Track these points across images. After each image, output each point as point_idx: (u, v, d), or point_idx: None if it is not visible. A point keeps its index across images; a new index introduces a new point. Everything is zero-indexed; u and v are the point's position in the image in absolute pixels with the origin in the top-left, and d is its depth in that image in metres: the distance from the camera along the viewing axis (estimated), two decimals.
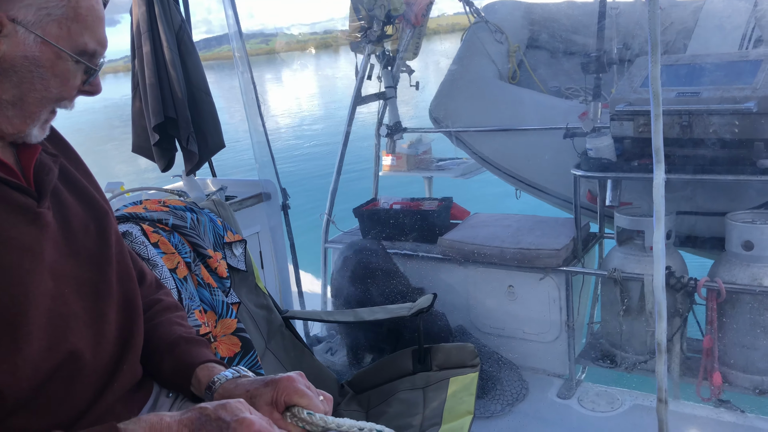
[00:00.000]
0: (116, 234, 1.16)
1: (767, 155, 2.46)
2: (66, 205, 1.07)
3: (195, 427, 0.91)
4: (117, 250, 1.14)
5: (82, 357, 1.00)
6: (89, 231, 1.09)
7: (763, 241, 2.53)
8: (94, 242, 1.09)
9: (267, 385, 1.04)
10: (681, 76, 2.69)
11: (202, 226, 1.94)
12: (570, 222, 3.15)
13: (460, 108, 3.85)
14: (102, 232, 1.11)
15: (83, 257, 1.06)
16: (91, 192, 1.14)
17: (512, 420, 2.82)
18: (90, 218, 1.11)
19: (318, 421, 1.01)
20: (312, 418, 1.01)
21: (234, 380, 1.09)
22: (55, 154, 1.09)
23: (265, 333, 2.09)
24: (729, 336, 2.65)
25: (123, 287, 1.13)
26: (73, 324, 1.00)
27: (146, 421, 0.92)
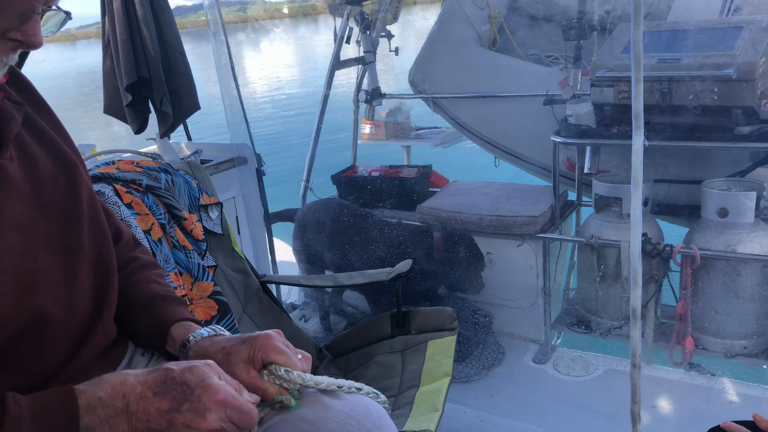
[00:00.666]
0: (88, 189, 1.11)
1: (745, 122, 2.47)
2: (33, 157, 1.02)
3: (159, 389, 0.88)
4: (89, 205, 1.09)
5: (52, 316, 0.96)
6: (58, 184, 1.04)
7: (737, 208, 2.56)
8: (63, 196, 1.04)
9: (244, 342, 1.02)
10: (662, 42, 2.68)
11: (177, 188, 1.89)
12: (548, 190, 3.15)
13: (440, 73, 3.81)
14: (72, 186, 1.06)
15: (52, 211, 1.01)
16: (59, 144, 1.08)
17: (488, 384, 2.86)
18: (59, 171, 1.05)
19: (296, 379, 0.99)
20: (290, 375, 0.99)
21: (210, 338, 1.07)
22: (20, 102, 1.02)
23: (242, 297, 2.07)
24: (702, 301, 2.69)
25: (96, 244, 1.08)
26: (42, 281, 0.96)
27: (108, 381, 0.89)
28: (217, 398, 0.88)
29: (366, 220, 3.15)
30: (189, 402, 0.88)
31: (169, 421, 0.87)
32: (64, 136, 1.12)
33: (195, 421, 0.87)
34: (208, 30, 2.72)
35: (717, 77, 2.43)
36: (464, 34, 3.91)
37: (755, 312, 2.64)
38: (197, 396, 0.88)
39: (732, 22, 2.74)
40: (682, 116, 2.57)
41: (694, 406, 2.61)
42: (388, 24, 3.76)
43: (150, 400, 0.88)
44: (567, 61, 3.44)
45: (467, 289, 3.06)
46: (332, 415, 0.98)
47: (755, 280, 2.59)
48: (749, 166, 2.76)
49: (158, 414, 0.87)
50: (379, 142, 4.17)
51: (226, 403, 0.89)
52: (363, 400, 1.03)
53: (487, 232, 3.03)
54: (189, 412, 0.87)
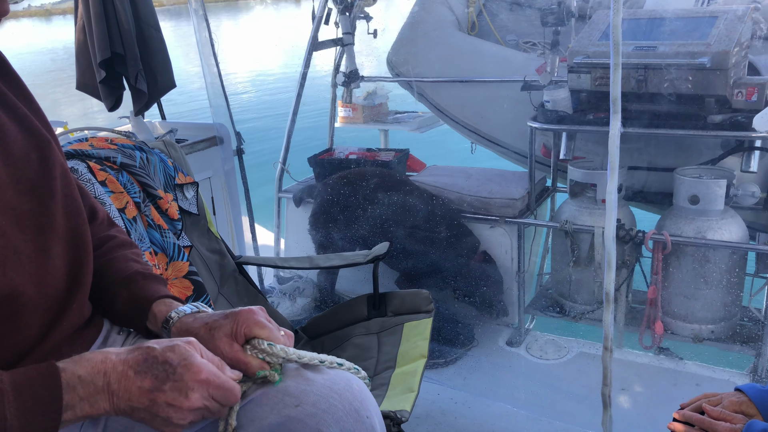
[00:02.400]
0: (62, 166, 1.08)
1: (718, 111, 2.52)
2: (4, 132, 0.99)
3: (141, 368, 0.87)
4: (63, 182, 1.07)
5: (23, 294, 0.95)
6: (30, 160, 1.02)
7: (708, 196, 2.61)
8: (35, 172, 1.02)
9: (227, 317, 1.02)
10: (639, 29, 2.70)
11: (152, 166, 1.86)
12: (525, 175, 3.18)
13: (418, 57, 3.80)
14: (44, 162, 1.04)
15: (23, 187, 0.99)
16: (32, 119, 1.06)
17: (462, 366, 2.89)
18: (31, 146, 1.03)
19: (279, 352, 0.99)
20: (273, 349, 0.99)
21: (192, 315, 1.07)
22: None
23: (218, 278, 2.06)
24: (672, 287, 2.75)
25: (70, 222, 1.07)
26: (13, 258, 0.94)
27: (90, 360, 0.88)
28: (200, 377, 0.88)
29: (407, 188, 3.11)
30: (171, 381, 0.87)
31: (152, 400, 0.86)
32: (37, 111, 1.09)
33: (178, 400, 0.87)
34: (189, 7, 2.67)
35: (691, 66, 2.47)
36: (443, 17, 3.90)
37: (723, 298, 2.70)
38: (179, 375, 0.87)
39: (707, 11, 2.77)
40: (657, 104, 2.61)
41: (663, 389, 2.67)
42: (367, 5, 3.73)
43: (132, 379, 0.87)
44: (545, 47, 3.46)
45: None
46: (314, 388, 0.98)
47: (724, 266, 2.65)
48: (721, 154, 2.81)
49: (140, 393, 0.87)
50: (356, 126, 4.15)
51: (208, 381, 0.89)
52: (345, 375, 1.03)
53: (467, 211, 3.05)
54: (171, 391, 0.87)
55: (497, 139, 3.72)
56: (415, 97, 3.89)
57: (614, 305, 2.05)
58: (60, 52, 23.05)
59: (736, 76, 2.54)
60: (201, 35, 2.74)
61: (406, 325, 1.95)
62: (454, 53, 3.78)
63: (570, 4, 3.07)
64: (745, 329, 2.78)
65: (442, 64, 3.75)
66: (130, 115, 2.65)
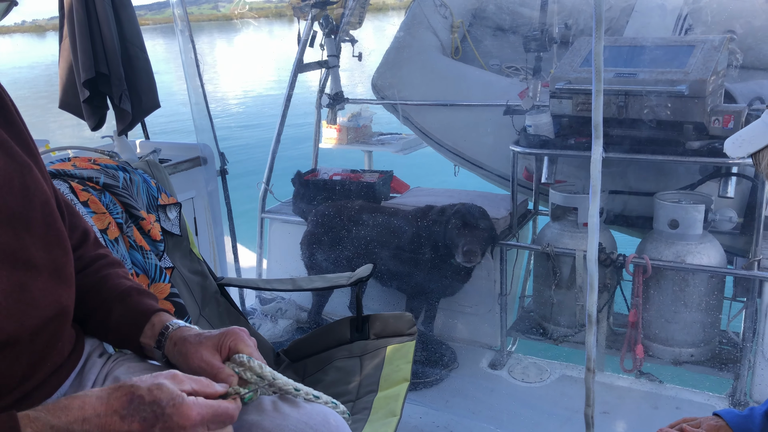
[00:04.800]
0: (44, 193, 1.03)
1: (696, 137, 2.56)
2: None
3: (127, 412, 0.82)
4: (45, 211, 1.01)
5: (2, 331, 0.90)
6: (12, 187, 0.97)
7: (687, 220, 2.65)
8: (16, 200, 0.97)
9: (219, 331, 1.05)
10: (620, 56, 2.75)
11: (135, 187, 1.85)
12: (507, 198, 3.20)
13: (402, 80, 3.84)
14: (25, 190, 0.99)
15: (2, 217, 0.94)
16: (11, 144, 1.00)
17: (444, 388, 2.88)
18: (13, 173, 0.98)
19: (255, 367, 1.00)
20: (251, 362, 1.00)
21: (187, 327, 1.08)
22: None
23: (200, 299, 2.04)
24: (652, 310, 2.77)
25: (50, 254, 1.01)
26: None
27: (65, 408, 0.81)
28: (192, 419, 0.84)
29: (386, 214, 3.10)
30: (161, 422, 0.82)
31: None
32: (19, 135, 1.04)
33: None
34: (175, 26, 2.68)
35: (670, 93, 2.52)
36: (427, 42, 3.95)
37: (702, 321, 2.73)
38: (169, 416, 0.83)
39: (685, 40, 2.84)
40: (637, 129, 2.65)
41: (644, 413, 2.68)
42: (352, 29, 3.77)
43: (117, 425, 0.81)
44: (527, 72, 3.51)
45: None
46: (290, 423, 0.97)
47: (703, 290, 2.69)
48: (699, 179, 2.86)
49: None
50: (340, 147, 4.17)
51: (203, 418, 0.86)
52: (322, 410, 1.02)
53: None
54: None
55: (480, 162, 3.76)
56: (400, 120, 3.93)
57: (596, 327, 2.06)
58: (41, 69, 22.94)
59: (713, 103, 2.60)
60: (186, 56, 2.75)
61: (388, 348, 1.94)
62: (438, 77, 3.83)
63: (552, 31, 3.12)
64: (724, 353, 2.81)
65: (427, 87, 3.80)
66: (114, 135, 2.64)
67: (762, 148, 1.07)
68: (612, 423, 2.62)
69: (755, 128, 1.11)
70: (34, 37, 57.13)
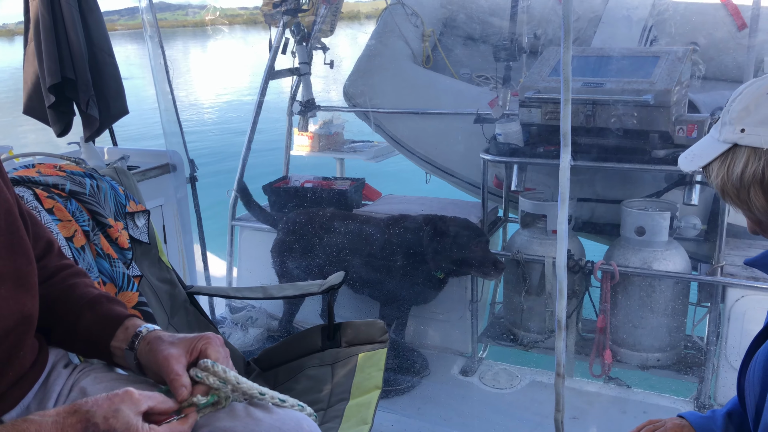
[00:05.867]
0: (6, 201, 1.02)
1: (661, 146, 2.62)
2: None
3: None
4: (8, 220, 1.01)
5: None
6: None
7: (653, 227, 2.70)
8: None
9: (194, 335, 1.04)
10: (587, 66, 2.81)
11: (102, 194, 1.82)
12: (477, 206, 3.23)
13: (375, 88, 3.85)
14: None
15: None
16: None
17: (416, 395, 2.88)
18: None
19: (219, 372, 1.00)
20: (215, 367, 1.00)
21: (162, 330, 1.07)
22: None
23: (168, 308, 2.01)
24: (620, 316, 2.82)
25: (15, 262, 1.00)
26: None
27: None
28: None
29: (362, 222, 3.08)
30: None
31: None
32: None
33: None
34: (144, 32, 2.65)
35: (636, 102, 2.57)
36: (399, 50, 3.97)
37: (668, 326, 2.78)
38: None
39: (650, 51, 2.90)
40: (605, 138, 2.70)
41: (612, 417, 2.72)
42: (324, 36, 3.77)
43: None
44: (497, 81, 3.55)
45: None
46: (263, 428, 0.97)
47: (669, 295, 2.74)
48: (664, 187, 2.92)
49: None
50: (312, 154, 4.16)
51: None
52: (295, 415, 1.02)
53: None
54: None
55: (451, 170, 3.79)
56: (372, 128, 3.94)
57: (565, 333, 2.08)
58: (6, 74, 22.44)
59: (678, 113, 2.66)
60: (156, 61, 2.72)
61: (360, 355, 1.94)
62: (410, 85, 3.85)
63: (521, 41, 3.17)
64: (689, 357, 2.86)
65: (398, 95, 3.81)
66: (80, 141, 2.60)
67: (711, 161, 1.10)
68: (581, 428, 2.65)
69: (705, 143, 1.15)
70: (3, 41, 55.99)
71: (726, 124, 1.08)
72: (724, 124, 1.09)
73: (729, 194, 1.09)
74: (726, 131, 1.08)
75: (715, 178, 1.10)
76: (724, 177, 1.08)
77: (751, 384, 1.11)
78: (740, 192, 1.07)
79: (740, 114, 1.06)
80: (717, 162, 1.09)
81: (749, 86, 1.09)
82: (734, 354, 2.62)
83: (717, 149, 1.09)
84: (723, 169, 1.08)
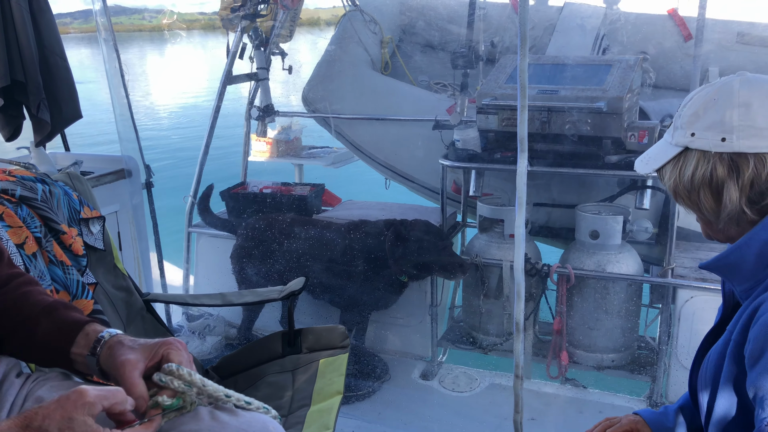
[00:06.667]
0: None
1: (614, 152, 2.69)
2: None
3: None
4: None
5: None
6: None
7: (607, 231, 2.77)
8: None
9: (157, 340, 1.03)
10: (542, 74, 2.87)
11: (55, 199, 1.78)
12: (437, 211, 3.26)
13: (334, 93, 3.85)
14: None
15: None
16: None
17: (377, 400, 2.89)
18: None
19: (184, 375, 0.98)
20: (180, 370, 0.98)
21: (124, 335, 1.05)
22: None
23: (124, 316, 1.97)
24: (576, 318, 2.88)
25: None
26: None
27: None
28: None
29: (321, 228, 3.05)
30: None
31: None
32: None
33: None
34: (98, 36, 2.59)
35: (590, 109, 2.64)
36: (358, 56, 3.98)
37: (622, 327, 2.85)
38: None
39: (603, 59, 2.99)
40: (560, 144, 2.76)
41: (569, 417, 2.77)
42: (282, 42, 3.76)
43: None
44: (455, 88, 3.59)
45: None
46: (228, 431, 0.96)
47: (622, 297, 2.81)
48: (617, 192, 3.00)
49: None
50: (270, 160, 4.13)
51: None
52: (260, 418, 1.02)
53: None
54: None
55: (410, 176, 3.81)
56: (332, 134, 3.93)
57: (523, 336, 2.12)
58: None
59: (629, 119, 2.74)
60: (110, 65, 2.66)
61: (321, 361, 1.93)
62: (369, 91, 3.86)
63: (478, 49, 3.21)
64: (642, 357, 2.94)
65: (357, 101, 3.82)
66: (31, 146, 2.52)
67: (664, 164, 1.14)
68: (540, 428, 2.69)
69: (659, 146, 1.20)
70: None
71: (678, 128, 1.13)
72: (676, 128, 1.14)
73: (681, 196, 1.13)
74: (678, 135, 1.12)
75: (668, 180, 1.14)
76: (676, 179, 1.12)
77: (703, 382, 1.15)
78: (691, 194, 1.11)
79: (690, 119, 1.10)
80: (670, 165, 1.14)
81: (698, 92, 1.13)
82: (684, 353, 2.70)
83: (670, 152, 1.14)
84: (675, 172, 1.12)
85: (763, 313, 1.00)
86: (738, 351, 1.04)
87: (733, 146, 1.05)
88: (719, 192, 1.07)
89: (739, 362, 1.04)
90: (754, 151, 1.04)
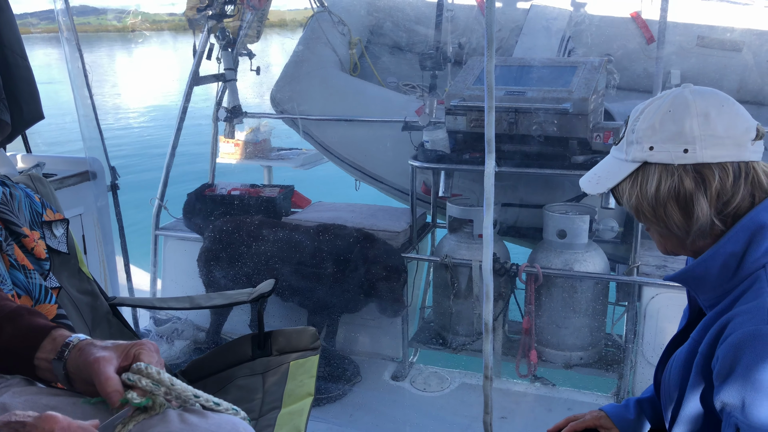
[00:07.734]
0: None
1: (580, 152, 2.74)
2: None
3: None
4: None
5: None
6: None
7: (574, 230, 2.81)
8: None
9: (129, 342, 1.02)
10: (509, 75, 2.90)
11: (16, 202, 1.73)
12: (406, 212, 3.27)
13: (302, 94, 3.83)
14: None
15: None
16: None
17: (348, 402, 2.88)
18: None
19: (153, 373, 0.97)
20: (148, 369, 0.97)
21: (91, 339, 1.03)
22: None
23: (90, 321, 1.93)
24: (545, 316, 2.91)
25: None
26: None
27: None
28: None
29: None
30: None
31: None
32: None
33: None
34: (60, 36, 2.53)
35: (556, 110, 2.68)
36: (326, 57, 3.97)
37: (589, 325, 2.90)
38: None
39: (569, 61, 3.03)
40: (527, 145, 2.80)
41: (539, 415, 2.80)
42: (250, 42, 3.72)
43: None
44: (423, 89, 3.61)
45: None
46: None
47: (589, 295, 2.85)
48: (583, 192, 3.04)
49: None
50: (239, 162, 4.09)
51: None
52: (230, 419, 1.00)
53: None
54: None
55: (380, 177, 3.82)
56: (300, 135, 3.92)
57: (492, 335, 2.13)
58: None
59: (595, 120, 2.79)
60: (73, 65, 2.61)
61: (292, 363, 1.91)
62: (338, 92, 3.86)
63: (446, 50, 3.24)
64: (609, 354, 2.99)
65: (326, 102, 3.81)
66: None
67: (620, 182, 1.11)
68: (510, 427, 2.71)
69: (608, 164, 1.15)
70: None
71: (633, 143, 1.09)
72: (630, 144, 1.09)
73: (644, 212, 1.09)
74: (634, 150, 1.08)
75: (629, 198, 1.10)
76: (638, 196, 1.08)
77: (667, 384, 1.16)
78: (656, 209, 1.07)
79: (646, 132, 1.07)
80: (627, 182, 1.10)
81: (649, 106, 1.10)
82: (650, 350, 2.75)
83: (625, 169, 1.10)
84: (636, 189, 1.09)
85: (731, 332, 0.98)
86: (705, 364, 1.03)
87: (696, 157, 1.03)
88: (688, 205, 1.04)
89: (706, 376, 1.03)
90: (717, 161, 1.02)
